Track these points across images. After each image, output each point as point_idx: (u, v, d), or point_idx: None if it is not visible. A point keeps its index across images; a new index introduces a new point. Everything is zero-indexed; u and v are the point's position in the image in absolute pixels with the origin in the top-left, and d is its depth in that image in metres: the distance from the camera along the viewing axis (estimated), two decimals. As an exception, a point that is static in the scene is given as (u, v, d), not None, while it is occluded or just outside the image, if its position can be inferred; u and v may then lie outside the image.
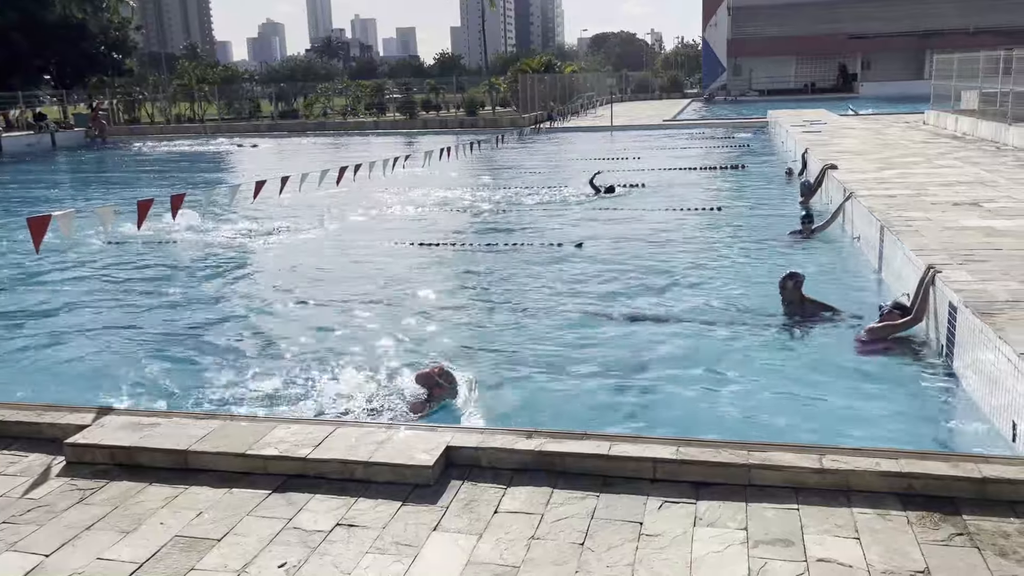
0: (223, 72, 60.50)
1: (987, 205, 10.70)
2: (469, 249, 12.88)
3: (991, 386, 5.53)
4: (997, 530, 3.81)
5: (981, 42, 34.05)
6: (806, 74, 63.93)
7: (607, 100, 50.40)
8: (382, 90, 52.04)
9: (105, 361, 7.96)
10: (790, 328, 8.06)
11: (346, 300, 9.97)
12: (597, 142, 32.28)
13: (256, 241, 14.01)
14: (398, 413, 6.29)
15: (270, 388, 7.02)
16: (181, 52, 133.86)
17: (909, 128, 25.41)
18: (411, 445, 4.62)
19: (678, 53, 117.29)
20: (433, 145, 20.29)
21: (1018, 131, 18.11)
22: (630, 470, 4.41)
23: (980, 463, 4.25)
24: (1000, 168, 14.63)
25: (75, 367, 7.82)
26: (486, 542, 3.85)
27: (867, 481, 4.18)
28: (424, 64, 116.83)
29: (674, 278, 10.44)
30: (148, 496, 4.38)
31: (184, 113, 51.24)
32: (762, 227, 13.54)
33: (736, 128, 33.47)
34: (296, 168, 11.93)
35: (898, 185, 12.77)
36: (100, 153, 37.19)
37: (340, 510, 4.18)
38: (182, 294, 10.54)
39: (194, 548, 3.87)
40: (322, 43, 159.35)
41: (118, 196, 20.61)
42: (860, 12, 61.29)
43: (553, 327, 8.57)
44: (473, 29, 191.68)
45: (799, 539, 3.78)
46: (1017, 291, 6.51)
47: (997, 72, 20.75)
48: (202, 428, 4.94)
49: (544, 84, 46.28)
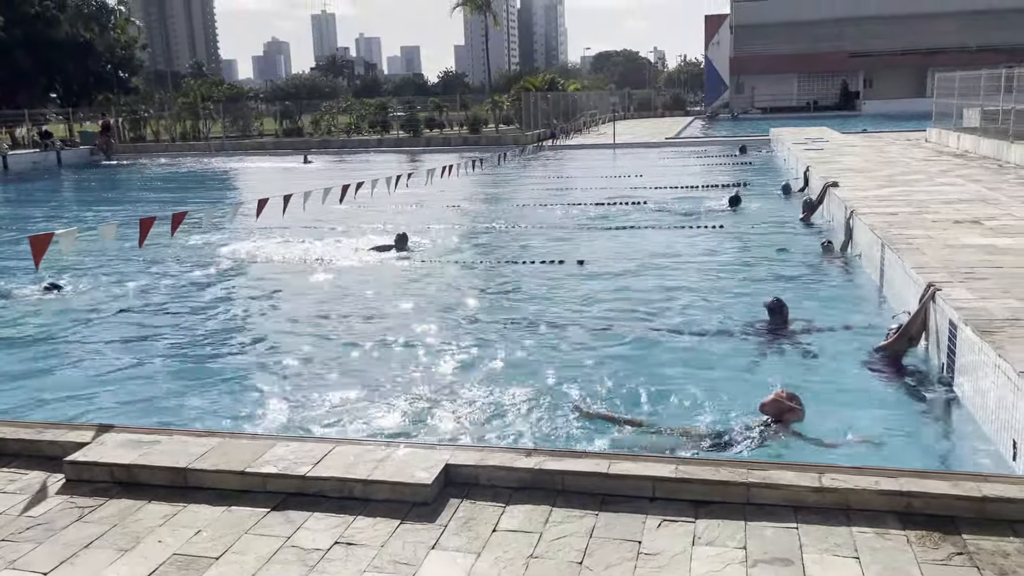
0: (228, 90, 60.90)
1: (988, 223, 10.71)
2: (469, 266, 12.91)
3: (991, 404, 5.52)
4: (997, 549, 3.79)
5: (983, 60, 34.22)
6: (808, 92, 64.11)
7: (610, 118, 50.57)
8: (386, 108, 52.29)
9: (106, 379, 7.97)
10: (789, 347, 8.07)
11: (346, 316, 9.99)
12: (600, 159, 32.38)
13: (258, 259, 14.05)
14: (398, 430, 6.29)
15: (270, 406, 7.03)
16: (187, 70, 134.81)
17: (911, 146, 25.46)
18: (410, 463, 4.62)
19: (681, 71, 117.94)
20: (436, 163, 20.39)
21: (1020, 149, 18.14)
22: (629, 488, 4.40)
23: (980, 482, 4.24)
24: (1002, 186, 14.64)
25: (75, 385, 7.83)
26: (484, 560, 3.85)
27: (867, 500, 4.17)
28: (428, 82, 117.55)
29: (673, 295, 10.45)
30: (147, 514, 4.38)
31: (189, 131, 51.55)
32: (762, 244, 13.57)
33: (738, 145, 33.54)
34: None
35: (899, 203, 12.79)
36: (107, 170, 37.39)
37: (339, 528, 4.18)
38: (184, 312, 10.57)
39: (192, 566, 3.86)
40: (327, 61, 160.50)
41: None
42: (862, 30, 61.54)
43: (553, 344, 8.58)
44: (477, 48, 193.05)
45: (798, 558, 3.76)
46: (1017, 309, 6.51)
47: (999, 90, 20.82)
48: (202, 446, 4.94)
49: (547, 102, 46.46)
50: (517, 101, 48.69)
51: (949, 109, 25.24)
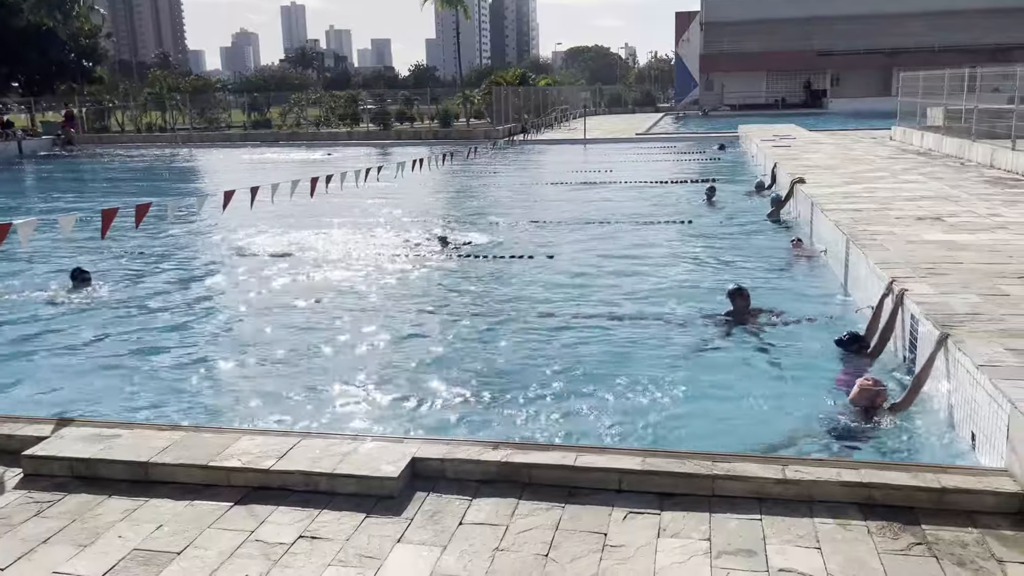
0: (195, 81, 60.05)
1: (949, 220, 10.88)
2: (437, 259, 12.86)
3: (951, 397, 5.61)
4: (956, 540, 3.86)
5: (946, 60, 34.69)
6: (777, 90, 64.75)
7: (581, 113, 50.66)
8: (356, 101, 51.90)
9: (66, 372, 7.83)
10: (751, 338, 8.17)
11: (312, 310, 9.91)
12: (571, 154, 32.42)
13: (224, 251, 13.88)
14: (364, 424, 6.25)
15: (234, 399, 6.95)
16: (153, 60, 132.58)
17: (876, 144, 25.80)
18: (376, 457, 4.59)
19: (651, 68, 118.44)
20: (406, 156, 20.28)
21: (981, 148, 18.47)
22: (596, 481, 4.41)
23: (939, 473, 4.31)
24: (963, 183, 14.89)
25: (35, 377, 7.68)
26: (450, 554, 3.84)
27: (829, 491, 4.22)
28: (399, 75, 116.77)
29: (641, 289, 10.50)
30: (107, 509, 4.31)
31: (155, 122, 50.76)
32: (729, 238, 13.68)
33: (707, 142, 33.75)
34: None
35: (864, 199, 12.95)
36: (69, 161, 36.71)
37: (304, 522, 4.15)
38: (146, 303, 10.40)
39: (153, 562, 3.81)
40: (296, 53, 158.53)
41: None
42: (829, 29, 62.21)
43: (521, 337, 8.57)
44: (448, 41, 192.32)
45: (761, 549, 3.80)
46: (976, 304, 6.63)
47: (962, 89, 21.15)
48: (164, 439, 4.87)
49: (518, 97, 46.43)
50: (488, 96, 48.58)
51: (913, 108, 25.60)
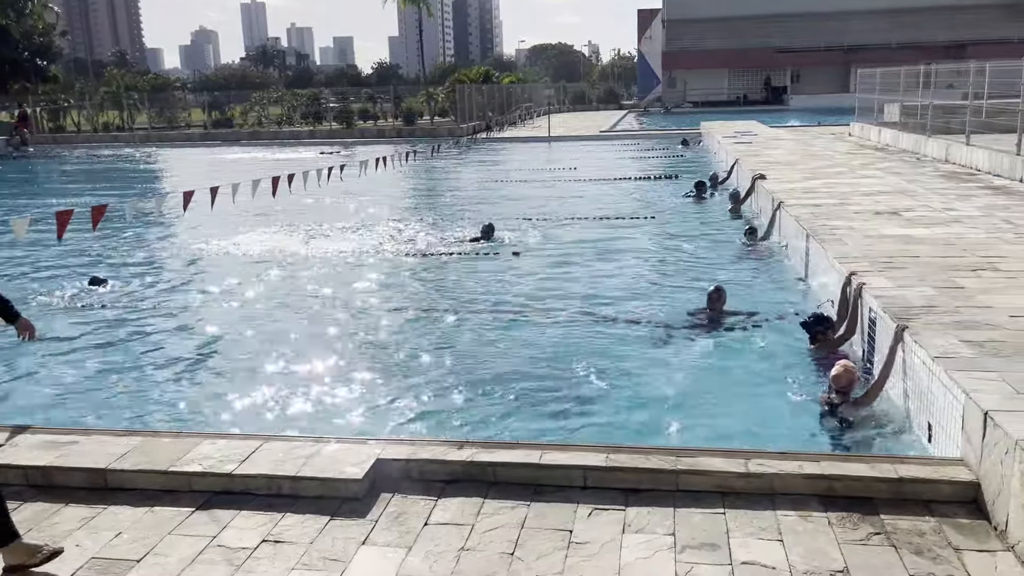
0: (153, 80, 59.07)
1: (906, 214, 11.08)
2: (401, 257, 12.80)
3: (908, 389, 5.72)
4: (913, 528, 3.93)
5: (903, 57, 35.23)
6: (738, 87, 65.45)
7: (545, 111, 50.72)
8: (318, 99, 51.44)
9: (19, 379, 7.66)
10: (717, 335, 8.24)
11: (272, 313, 9.80)
12: (535, 151, 32.45)
13: (181, 253, 13.68)
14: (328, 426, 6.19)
15: (194, 403, 6.85)
16: (109, 59, 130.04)
17: (835, 140, 26.20)
18: (340, 459, 4.56)
19: (615, 65, 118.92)
20: (370, 154, 20.15)
21: (937, 143, 18.84)
22: (561, 478, 4.43)
23: (897, 464, 4.39)
24: (919, 178, 15.18)
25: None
26: (415, 555, 3.82)
27: (791, 484, 4.28)
28: (362, 74, 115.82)
29: (606, 286, 10.55)
30: (63, 517, 4.23)
31: (113, 121, 49.84)
32: (693, 235, 13.79)
33: (670, 139, 33.98)
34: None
35: (823, 195, 13.14)
36: (23, 161, 35.92)
37: (266, 526, 4.10)
38: (100, 306, 10.21)
39: (111, 570, 3.74)
40: (257, 51, 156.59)
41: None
42: (789, 27, 63.03)
43: (486, 335, 8.57)
44: (411, 39, 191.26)
45: (725, 543, 3.84)
46: (932, 296, 6.75)
47: (917, 86, 21.56)
48: (123, 445, 4.79)
49: (482, 94, 46.35)
50: (452, 93, 48.41)
51: (871, 104, 26.04)
